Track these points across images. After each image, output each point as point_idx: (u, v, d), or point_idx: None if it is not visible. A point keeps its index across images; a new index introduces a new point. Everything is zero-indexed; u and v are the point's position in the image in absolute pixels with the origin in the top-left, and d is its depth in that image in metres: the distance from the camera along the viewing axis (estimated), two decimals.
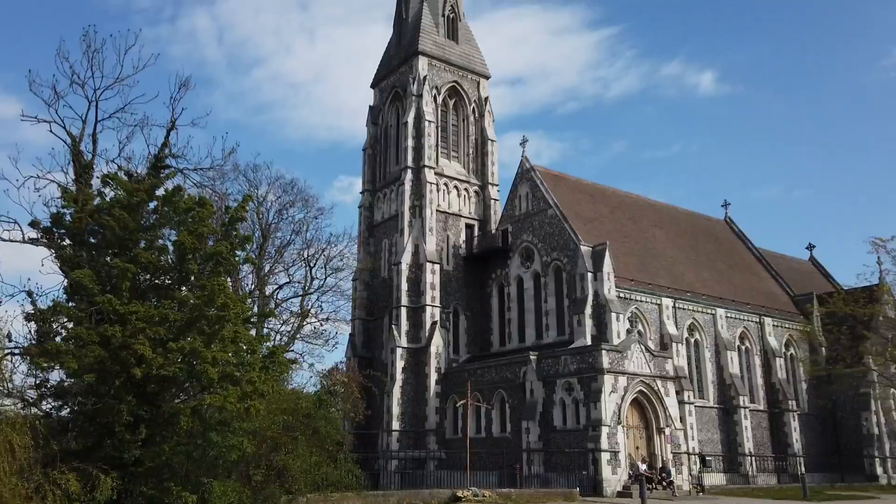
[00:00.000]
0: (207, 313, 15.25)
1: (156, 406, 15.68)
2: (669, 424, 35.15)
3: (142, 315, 14.86)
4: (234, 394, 14.80)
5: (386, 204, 49.06)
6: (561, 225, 42.63)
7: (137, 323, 14.66)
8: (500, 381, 38.76)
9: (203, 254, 16.24)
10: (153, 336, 14.88)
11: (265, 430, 20.95)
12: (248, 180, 39.26)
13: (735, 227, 59.22)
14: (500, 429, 38.21)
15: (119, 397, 14.78)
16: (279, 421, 21.33)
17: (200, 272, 15.98)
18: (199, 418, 15.65)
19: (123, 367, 14.56)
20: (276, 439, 21.92)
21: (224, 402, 14.70)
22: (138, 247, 16.25)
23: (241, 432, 18.15)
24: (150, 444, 15.70)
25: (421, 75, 48.32)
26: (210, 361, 14.72)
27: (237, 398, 14.84)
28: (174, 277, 16.45)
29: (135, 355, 14.41)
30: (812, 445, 47.58)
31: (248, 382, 15.31)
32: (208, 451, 16.96)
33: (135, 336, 14.53)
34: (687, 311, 44.53)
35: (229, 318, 15.24)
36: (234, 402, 14.72)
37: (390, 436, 41.08)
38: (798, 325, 51.12)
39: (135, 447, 14.89)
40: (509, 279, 45.38)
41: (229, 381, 15.81)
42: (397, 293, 44.00)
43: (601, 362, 33.55)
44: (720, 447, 42.97)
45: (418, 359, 42.80)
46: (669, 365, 36.95)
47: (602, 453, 32.05)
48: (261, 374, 16.00)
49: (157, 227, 16.78)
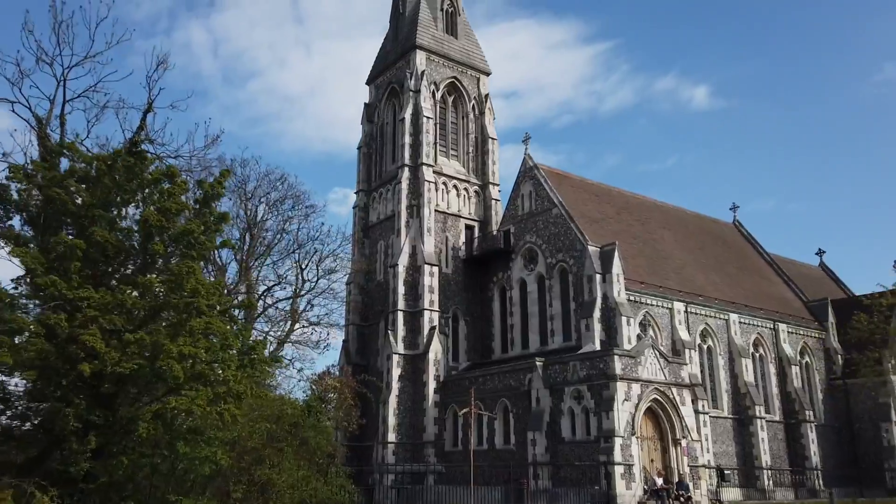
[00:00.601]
0: (174, 301, 12.88)
1: (111, 410, 13.26)
2: (686, 435, 32.78)
3: (96, 302, 12.49)
4: (204, 395, 12.42)
5: (382, 204, 46.76)
6: (566, 225, 40.38)
7: (89, 311, 12.32)
8: (503, 389, 36.35)
9: (172, 234, 13.87)
10: (109, 327, 12.51)
11: (245, 439, 18.61)
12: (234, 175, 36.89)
13: (744, 231, 57.07)
14: (504, 440, 35.77)
15: (66, 399, 12.39)
16: (262, 430, 18.99)
17: (168, 255, 13.61)
18: (163, 425, 13.23)
19: (71, 363, 12.17)
20: (258, 451, 19.57)
21: (191, 405, 12.31)
22: (96, 225, 13.88)
23: (217, 442, 15.80)
24: (105, 455, 13.27)
25: (419, 70, 46.17)
26: (175, 357, 12.36)
27: (207, 400, 12.44)
28: (138, 262, 14.07)
29: (85, 349, 12.03)
30: (829, 458, 45.20)
31: (220, 382, 12.90)
32: (177, 464, 14.58)
33: (85, 326, 12.15)
34: (699, 316, 42.24)
35: (199, 307, 12.86)
36: (203, 404, 12.36)
37: (386, 448, 38.57)
38: (814, 331, 48.90)
39: (83, 459, 12.45)
40: (512, 282, 43.05)
41: (200, 381, 13.46)
42: (394, 296, 41.63)
43: (613, 368, 31.22)
44: (735, 460, 40.54)
45: (416, 366, 40.38)
46: (685, 372, 34.61)
47: (615, 466, 29.62)
48: (237, 374, 13.60)
49: (121, 205, 14.43)
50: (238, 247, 31.83)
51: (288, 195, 38.51)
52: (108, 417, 13.03)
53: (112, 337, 12.45)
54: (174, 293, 12.99)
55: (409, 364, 40.37)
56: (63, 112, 23.95)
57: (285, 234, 37.57)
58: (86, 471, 12.66)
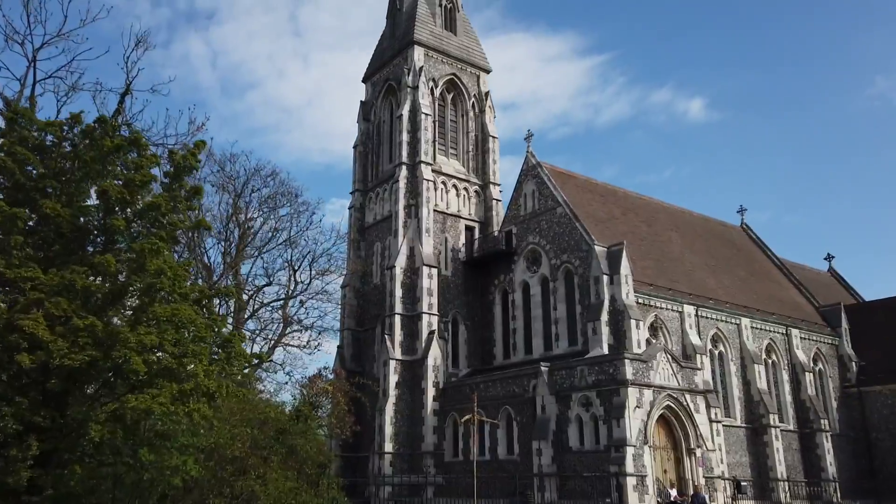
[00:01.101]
0: (134, 282, 11.05)
1: (59, 410, 11.38)
2: (701, 445, 30.89)
3: (42, 284, 10.65)
4: (168, 392, 10.54)
5: (378, 204, 44.95)
6: (571, 224, 38.58)
7: (32, 294, 10.46)
8: (506, 396, 34.45)
9: (136, 210, 12.05)
10: (57, 313, 10.67)
11: (226, 447, 16.69)
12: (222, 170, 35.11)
13: (752, 234, 55.33)
14: (507, 450, 33.83)
15: (5, 397, 10.52)
16: (244, 436, 17.09)
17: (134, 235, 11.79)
18: (123, 428, 11.34)
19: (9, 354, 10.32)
20: (241, 460, 17.64)
21: (151, 404, 10.43)
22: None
23: (192, 449, 13.94)
24: (54, 463, 11.38)
25: (417, 66, 44.51)
26: (135, 347, 10.49)
27: (170, 398, 10.56)
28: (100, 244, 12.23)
29: (25, 337, 10.19)
30: (845, 469, 43.25)
31: (188, 377, 11.04)
32: (142, 474, 12.69)
33: (28, 311, 10.31)
34: (710, 321, 40.40)
35: (164, 288, 11.03)
36: (165, 402, 10.47)
37: (382, 458, 36.56)
38: (827, 337, 47.10)
39: (24, 467, 10.57)
40: (514, 285, 41.19)
41: (168, 377, 11.61)
42: (391, 300, 39.74)
43: (624, 373, 29.36)
44: (749, 471, 38.57)
45: (414, 372, 38.45)
46: (699, 377, 32.78)
47: (628, 478, 27.70)
48: (210, 368, 11.73)
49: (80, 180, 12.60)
50: (225, 238, 30.02)
51: (280, 191, 36.61)
52: (55, 419, 11.17)
53: (60, 324, 10.61)
54: (135, 275, 11.18)
55: (407, 370, 38.46)
56: (33, 93, 22.11)
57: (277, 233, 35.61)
58: (28, 481, 10.78)
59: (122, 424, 11.28)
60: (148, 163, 13.06)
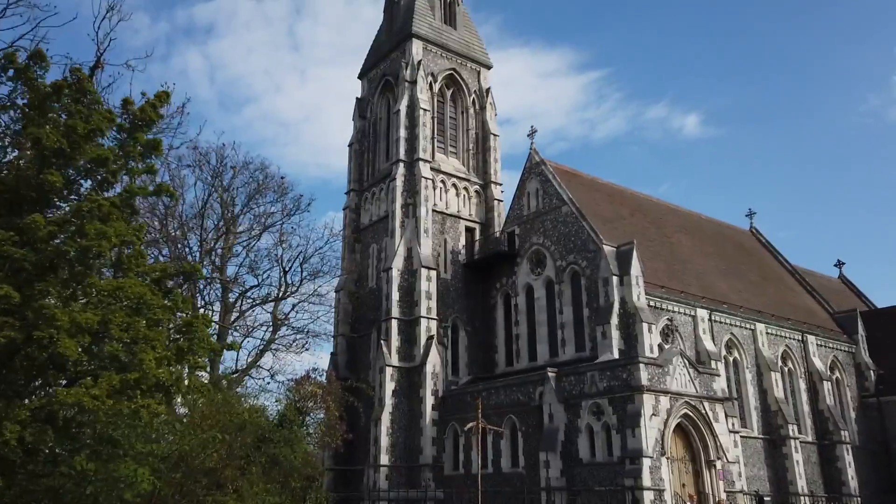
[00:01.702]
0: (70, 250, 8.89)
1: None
2: (721, 457, 28.65)
3: None
4: (106, 383, 8.35)
5: (374, 205, 42.81)
6: (578, 223, 36.46)
7: None
8: (510, 404, 32.19)
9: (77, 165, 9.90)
10: None
11: (195, 455, 14.43)
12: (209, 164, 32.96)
13: (762, 238, 53.32)
14: (512, 462, 31.51)
15: None
16: (217, 442, 14.84)
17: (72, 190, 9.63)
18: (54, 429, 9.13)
19: None
20: (215, 471, 15.37)
21: (83, 397, 8.23)
22: None
23: (150, 458, 11.70)
24: None
25: (415, 60, 42.54)
26: (66, 327, 8.30)
27: (109, 391, 8.36)
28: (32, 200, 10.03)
29: None
30: (866, 483, 40.97)
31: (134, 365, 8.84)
32: (84, 487, 10.46)
33: None
34: (724, 326, 38.26)
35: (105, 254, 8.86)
36: (100, 396, 8.26)
37: (378, 472, 34.18)
38: (843, 345, 44.98)
39: None
40: (517, 288, 38.98)
41: (116, 367, 9.42)
42: (387, 303, 37.52)
43: (638, 378, 27.16)
44: (767, 485, 36.27)
45: (411, 380, 36.18)
46: (717, 384, 30.59)
47: (644, 492, 25.43)
48: (164, 355, 9.52)
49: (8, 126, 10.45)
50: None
51: (269, 186, 34.44)
52: None
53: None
54: (72, 240, 9.04)
55: (405, 378, 36.20)
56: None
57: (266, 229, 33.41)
58: None
59: (52, 425, 9.12)
60: (101, 116, 10.94)
